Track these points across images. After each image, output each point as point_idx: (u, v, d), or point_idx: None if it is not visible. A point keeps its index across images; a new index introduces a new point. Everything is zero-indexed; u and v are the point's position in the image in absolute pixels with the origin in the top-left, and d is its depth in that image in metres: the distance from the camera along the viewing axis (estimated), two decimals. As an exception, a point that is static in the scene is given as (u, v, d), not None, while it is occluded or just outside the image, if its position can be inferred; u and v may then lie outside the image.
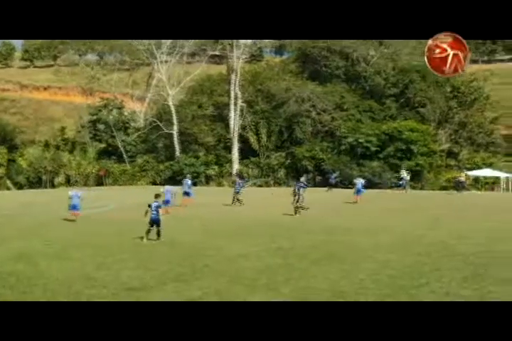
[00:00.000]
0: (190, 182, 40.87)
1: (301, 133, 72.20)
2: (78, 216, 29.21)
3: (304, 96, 72.04)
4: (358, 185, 43.08)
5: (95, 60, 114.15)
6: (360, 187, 42.83)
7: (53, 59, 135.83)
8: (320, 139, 72.88)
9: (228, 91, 76.36)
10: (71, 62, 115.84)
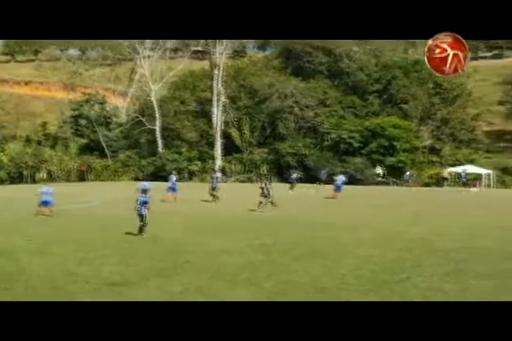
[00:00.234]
0: (175, 178, 40.89)
1: (284, 129, 72.18)
2: (51, 211, 28.98)
3: (287, 92, 72.00)
4: (337, 182, 43.32)
5: (77, 54, 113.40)
6: (339, 184, 43.05)
7: (34, 54, 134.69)
8: (303, 135, 72.85)
9: (211, 87, 76.07)
10: (53, 57, 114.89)
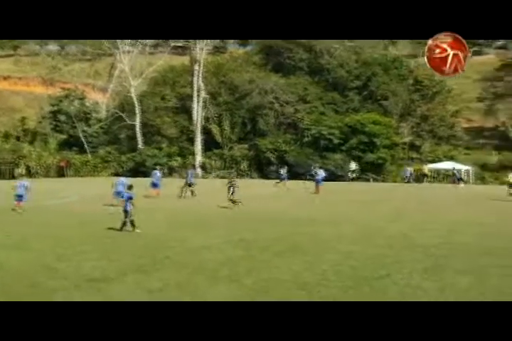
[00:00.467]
0: (159, 174, 40.77)
1: (264, 125, 72.25)
2: (20, 208, 28.77)
3: (267, 88, 72.06)
4: (317, 177, 43.52)
5: (56, 50, 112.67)
6: (319, 179, 43.23)
7: (13, 49, 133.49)
8: (283, 131, 73.00)
9: (191, 82, 75.97)
10: (32, 52, 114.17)
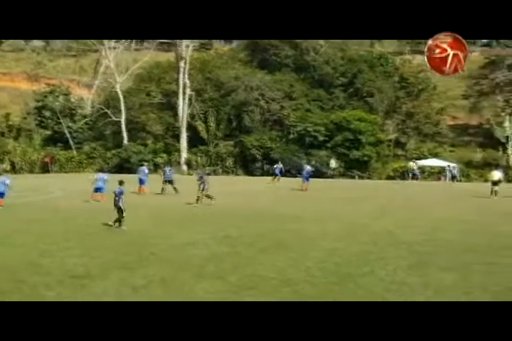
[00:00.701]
0: (147, 170, 40.65)
1: (249, 122, 72.17)
2: (1, 203, 28.62)
3: (253, 84, 72.01)
4: (304, 173, 43.73)
5: (41, 45, 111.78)
6: (306, 175, 43.35)
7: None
8: (269, 128, 72.99)
9: (177, 79, 75.79)
10: (16, 47, 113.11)
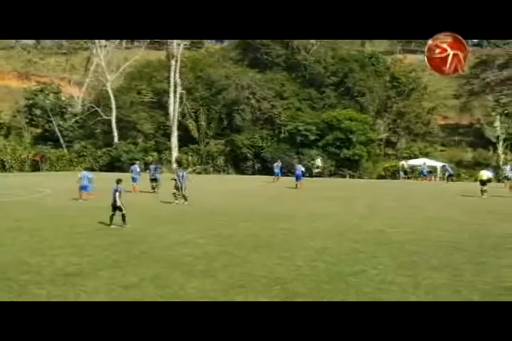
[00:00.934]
0: (139, 168, 40.62)
1: (240, 121, 72.18)
2: None
3: (244, 83, 72.01)
4: (296, 172, 43.93)
5: (32, 43, 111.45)
6: (299, 173, 43.54)
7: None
8: (260, 127, 72.98)
9: (168, 77, 75.73)
10: (7, 45, 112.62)
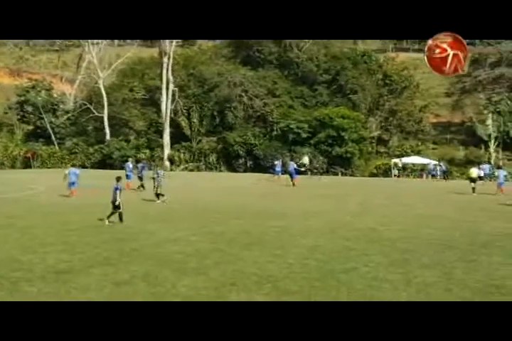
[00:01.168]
0: (132, 165, 40.54)
1: (233, 118, 72.12)
2: None
3: (236, 80, 71.92)
4: (289, 169, 44.10)
5: (24, 40, 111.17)
6: (292, 171, 43.68)
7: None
8: (252, 124, 72.95)
9: (160, 75, 75.57)
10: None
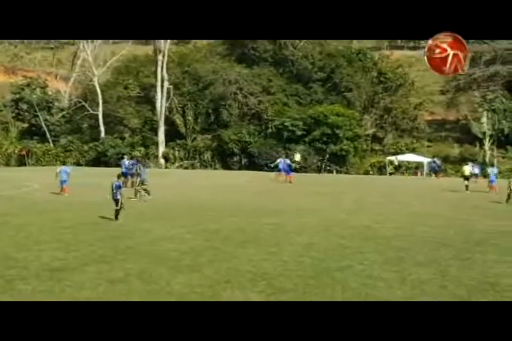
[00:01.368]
0: (128, 162, 40.45)
1: (227, 116, 71.99)
2: None
3: (231, 78, 71.78)
4: (284, 166, 44.10)
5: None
6: (286, 167, 43.70)
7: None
8: (247, 122, 72.85)
9: (155, 72, 75.40)
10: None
